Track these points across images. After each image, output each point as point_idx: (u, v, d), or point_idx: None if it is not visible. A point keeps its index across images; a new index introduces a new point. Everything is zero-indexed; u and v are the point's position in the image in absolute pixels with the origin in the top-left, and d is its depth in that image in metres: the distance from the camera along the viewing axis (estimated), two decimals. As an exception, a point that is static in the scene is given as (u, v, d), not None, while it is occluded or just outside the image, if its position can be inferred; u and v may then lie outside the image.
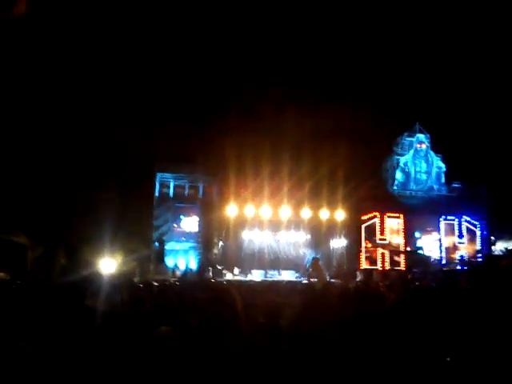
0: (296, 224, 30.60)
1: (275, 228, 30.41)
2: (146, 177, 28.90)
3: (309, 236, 31.28)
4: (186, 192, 30.08)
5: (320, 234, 30.24)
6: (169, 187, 29.88)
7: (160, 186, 29.84)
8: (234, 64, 32.48)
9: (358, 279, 26.54)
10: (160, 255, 27.43)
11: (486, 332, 3.22)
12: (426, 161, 33.15)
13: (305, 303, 5.02)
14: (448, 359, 3.16)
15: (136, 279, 20.13)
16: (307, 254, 30.76)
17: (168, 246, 28.42)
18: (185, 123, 31.26)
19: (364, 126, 32.12)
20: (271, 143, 28.22)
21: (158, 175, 29.62)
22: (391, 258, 29.29)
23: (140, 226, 27.42)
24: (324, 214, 29.38)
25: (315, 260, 26.91)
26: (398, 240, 29.96)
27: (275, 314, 4.00)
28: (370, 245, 29.36)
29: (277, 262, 29.83)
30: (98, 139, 27.60)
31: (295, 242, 31.26)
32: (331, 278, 25.28)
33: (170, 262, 28.20)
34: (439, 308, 3.40)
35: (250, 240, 30.57)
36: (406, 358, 3.22)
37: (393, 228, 30.07)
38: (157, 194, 29.65)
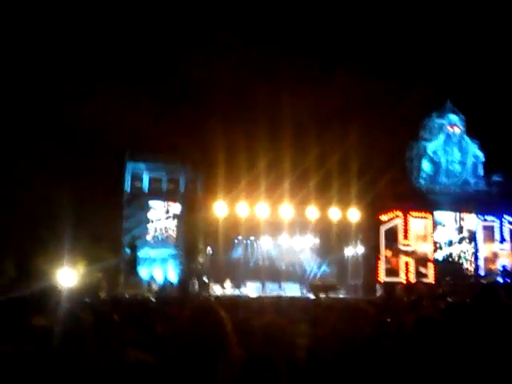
0: (301, 226, 30.56)
1: (275, 231, 30.36)
2: (115, 167, 28.83)
3: (317, 240, 31.27)
4: (164, 186, 29.98)
5: (330, 239, 30.23)
6: (142, 180, 29.78)
7: (132, 178, 29.70)
8: (222, 28, 32.44)
9: (378, 294, 26.66)
10: (132, 264, 27.36)
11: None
12: (460, 148, 33.13)
13: (311, 326, 5.03)
14: None
15: (102, 294, 20.13)
16: (314, 264, 30.81)
17: (142, 253, 28.35)
18: (163, 102, 31.23)
19: (384, 105, 32.17)
20: (269, 127, 28.21)
21: (130, 165, 29.47)
22: (417, 268, 29.40)
23: (107, 229, 27.36)
24: (334, 213, 29.33)
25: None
26: (426, 245, 30.07)
27: (277, 339, 3.98)
28: (390, 253, 29.45)
29: (277, 274, 29.82)
30: (53, 121, 27.49)
31: (300, 248, 31.24)
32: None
33: (144, 272, 28.14)
34: (477, 332, 3.39)
35: (243, 246, 30.54)
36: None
37: (419, 230, 30.19)
38: (128, 188, 29.53)
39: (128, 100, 29.52)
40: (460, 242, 31.22)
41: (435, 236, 30.91)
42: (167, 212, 29.85)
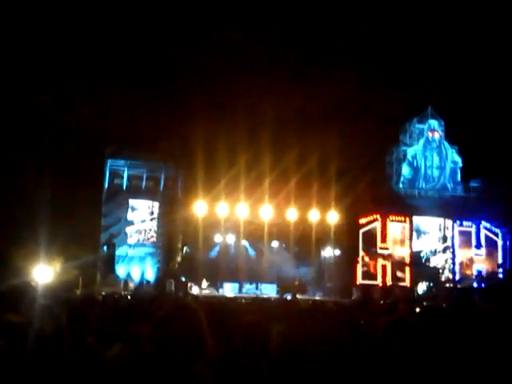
0: (280, 227, 30.63)
1: (254, 232, 30.39)
2: (93, 163, 28.59)
3: (295, 242, 31.34)
4: (144, 184, 29.81)
5: (309, 241, 30.33)
6: (122, 177, 29.57)
7: (110, 175, 29.49)
8: (203, 26, 32.38)
9: (354, 297, 26.82)
10: (109, 262, 27.18)
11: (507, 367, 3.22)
12: (439, 153, 33.46)
13: (290, 326, 5.05)
14: None
15: (78, 291, 19.97)
16: (291, 265, 30.87)
17: (119, 251, 28.17)
18: (143, 98, 31.04)
19: (364, 109, 32.37)
20: (249, 126, 28.23)
21: (109, 162, 29.25)
22: (393, 272, 29.62)
23: (85, 226, 27.10)
24: (314, 215, 29.45)
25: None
26: (403, 250, 30.32)
27: (255, 339, 3.98)
28: (367, 258, 29.66)
29: (255, 274, 29.81)
30: (32, 118, 27.15)
31: (278, 249, 31.30)
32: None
33: (121, 270, 27.99)
34: (451, 336, 3.42)
35: (222, 246, 30.50)
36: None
37: (396, 235, 30.44)
38: (106, 185, 29.33)
39: (109, 97, 29.27)
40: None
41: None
42: (152, 213, 29.67)
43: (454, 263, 31.22)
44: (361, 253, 29.63)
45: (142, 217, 29.50)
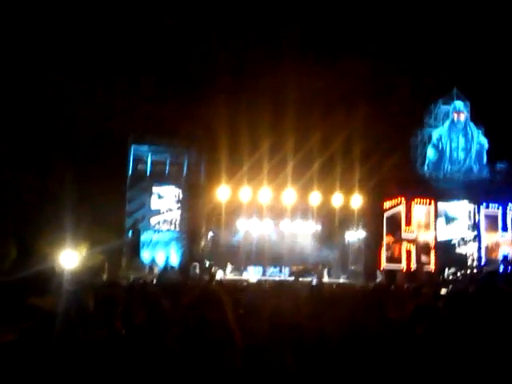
0: (303, 212, 30.60)
1: (277, 216, 30.41)
2: (117, 150, 28.72)
3: (319, 226, 31.32)
4: (167, 169, 29.92)
5: (333, 225, 30.28)
6: (145, 163, 29.69)
7: (134, 161, 29.65)
8: (223, 8, 32.18)
9: (378, 280, 26.74)
10: (134, 247, 27.44)
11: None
12: (465, 135, 32.98)
13: (314, 310, 5.06)
14: None
15: (104, 276, 20.24)
16: (315, 248, 30.88)
17: (144, 237, 28.42)
18: (166, 84, 31.09)
19: (389, 90, 32.01)
20: (272, 110, 28.08)
21: (132, 148, 29.39)
22: (418, 256, 29.41)
23: (109, 212, 27.35)
24: (337, 199, 29.36)
25: None
26: (428, 233, 30.07)
27: (282, 324, 3.99)
28: (391, 240, 29.45)
29: (278, 258, 29.90)
30: (53, 101, 27.36)
31: (302, 233, 31.30)
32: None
33: (146, 255, 28.24)
34: (476, 321, 3.38)
35: (245, 231, 30.59)
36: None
37: (421, 218, 30.18)
38: (130, 171, 29.50)
39: (132, 83, 29.39)
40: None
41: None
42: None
43: (479, 247, 30.85)
44: (385, 236, 29.46)
45: (168, 205, 29.62)
